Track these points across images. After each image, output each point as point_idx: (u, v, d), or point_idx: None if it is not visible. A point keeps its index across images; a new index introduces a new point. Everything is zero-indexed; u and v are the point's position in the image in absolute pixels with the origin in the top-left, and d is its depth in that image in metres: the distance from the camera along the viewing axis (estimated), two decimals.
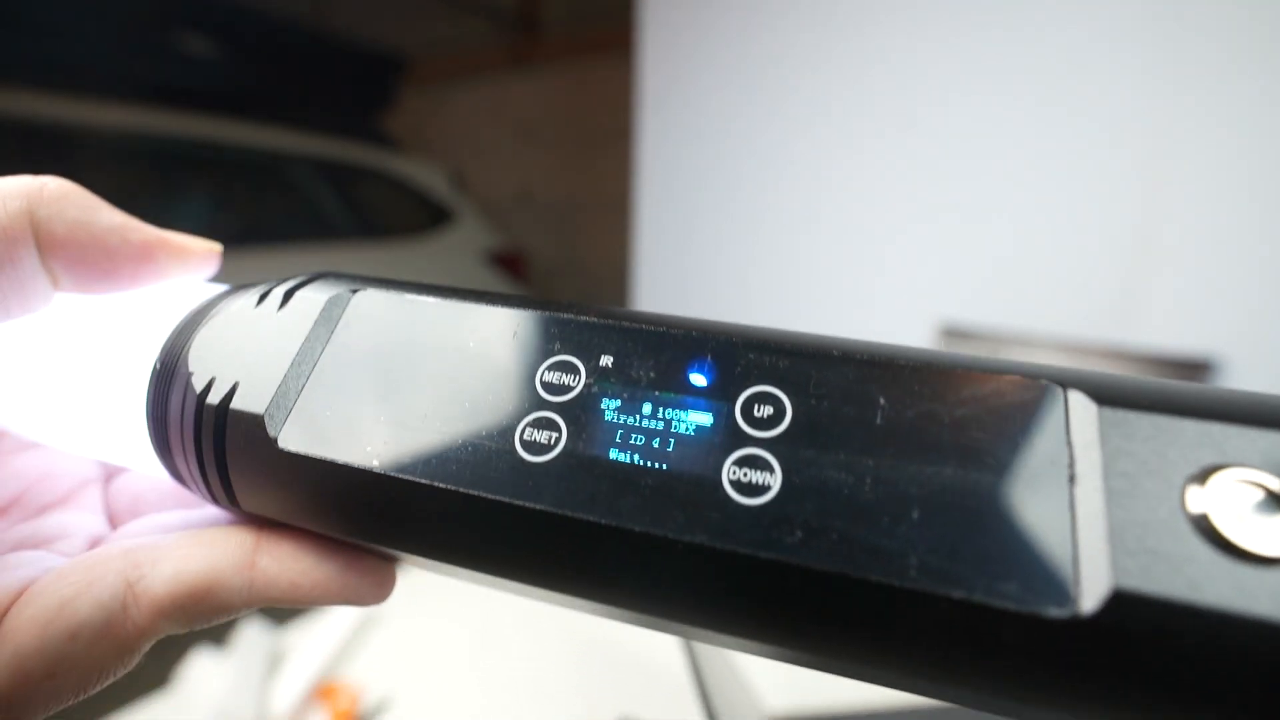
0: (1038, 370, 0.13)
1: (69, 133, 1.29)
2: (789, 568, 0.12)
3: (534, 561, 0.14)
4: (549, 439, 0.14)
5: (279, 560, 0.16)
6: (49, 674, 0.14)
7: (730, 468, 0.13)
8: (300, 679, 0.51)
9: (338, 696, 0.50)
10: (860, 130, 1.14)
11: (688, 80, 1.32)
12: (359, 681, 0.52)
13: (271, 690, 0.51)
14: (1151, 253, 0.92)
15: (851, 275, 1.19)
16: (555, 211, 2.60)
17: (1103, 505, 0.11)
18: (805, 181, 1.21)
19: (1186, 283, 0.90)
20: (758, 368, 0.14)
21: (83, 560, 0.15)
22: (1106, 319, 0.96)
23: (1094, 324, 0.96)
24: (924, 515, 0.11)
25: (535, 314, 0.16)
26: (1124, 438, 0.11)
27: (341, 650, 0.55)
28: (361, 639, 0.57)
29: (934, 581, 0.11)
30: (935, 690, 0.12)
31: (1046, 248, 1.00)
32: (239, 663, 0.52)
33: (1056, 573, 0.11)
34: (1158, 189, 0.90)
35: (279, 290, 0.18)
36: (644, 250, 1.45)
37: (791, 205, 1.23)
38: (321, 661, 0.52)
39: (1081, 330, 0.97)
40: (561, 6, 2.42)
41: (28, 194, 0.17)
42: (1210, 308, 0.88)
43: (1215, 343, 0.87)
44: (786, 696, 0.41)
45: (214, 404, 0.16)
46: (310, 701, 0.50)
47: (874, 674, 0.13)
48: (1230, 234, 0.86)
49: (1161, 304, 0.91)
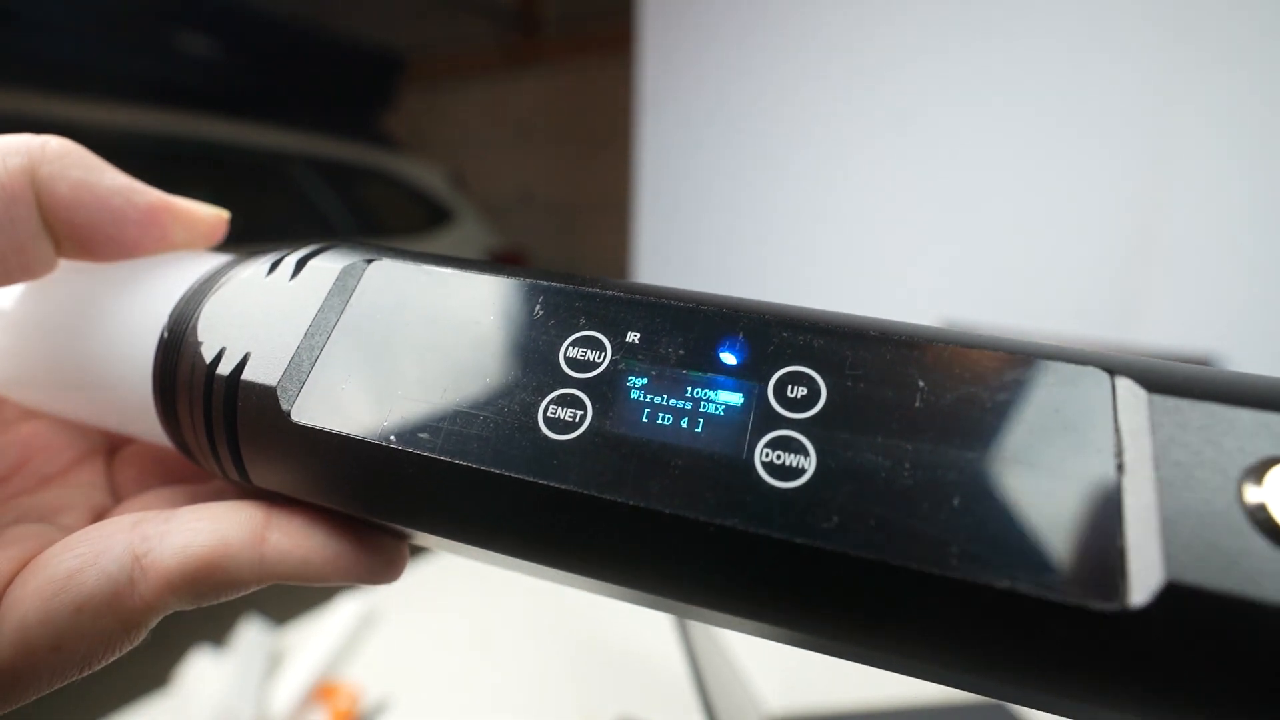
0: (1085, 355, 0.12)
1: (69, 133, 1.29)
2: (825, 554, 0.11)
3: (556, 542, 0.13)
4: (574, 417, 0.13)
5: (290, 536, 0.15)
6: (54, 646, 0.14)
7: (763, 450, 0.12)
8: (300, 679, 0.51)
9: (338, 696, 0.50)
10: (860, 129, 1.14)
11: (688, 80, 1.32)
12: (359, 681, 0.52)
13: (271, 690, 0.51)
14: (1152, 251, 0.91)
15: (852, 275, 1.19)
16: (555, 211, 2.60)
17: (1154, 496, 0.10)
18: (805, 181, 1.21)
19: (1187, 281, 0.89)
20: (791, 347, 0.13)
21: (90, 532, 0.15)
22: (1107, 317, 0.96)
23: (1095, 322, 0.96)
24: (965, 502, 0.11)
25: (559, 287, 0.15)
26: (1177, 426, 0.11)
27: (341, 650, 0.55)
28: (361, 639, 0.57)
29: (976, 570, 0.11)
30: (974, 683, 0.12)
31: (1047, 246, 1.00)
32: (239, 663, 0.51)
33: (1105, 564, 0.10)
34: (1158, 188, 0.90)
35: (291, 259, 0.17)
36: (644, 250, 1.45)
37: (792, 205, 1.23)
38: (321, 661, 0.52)
39: (1082, 329, 0.97)
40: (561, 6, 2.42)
41: (29, 151, 0.16)
42: (1210, 307, 0.88)
43: (1216, 342, 0.87)
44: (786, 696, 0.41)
45: (225, 375, 0.16)
46: (310, 701, 0.50)
47: (911, 665, 0.12)
48: (1231, 233, 0.86)
49: (1162, 302, 0.91)
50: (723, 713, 0.47)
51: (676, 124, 1.35)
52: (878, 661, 0.13)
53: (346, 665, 0.54)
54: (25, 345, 0.19)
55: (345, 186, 1.82)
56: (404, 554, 0.17)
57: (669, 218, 1.40)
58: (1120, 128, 0.92)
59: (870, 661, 0.13)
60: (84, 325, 0.18)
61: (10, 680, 0.14)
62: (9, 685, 0.14)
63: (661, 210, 1.41)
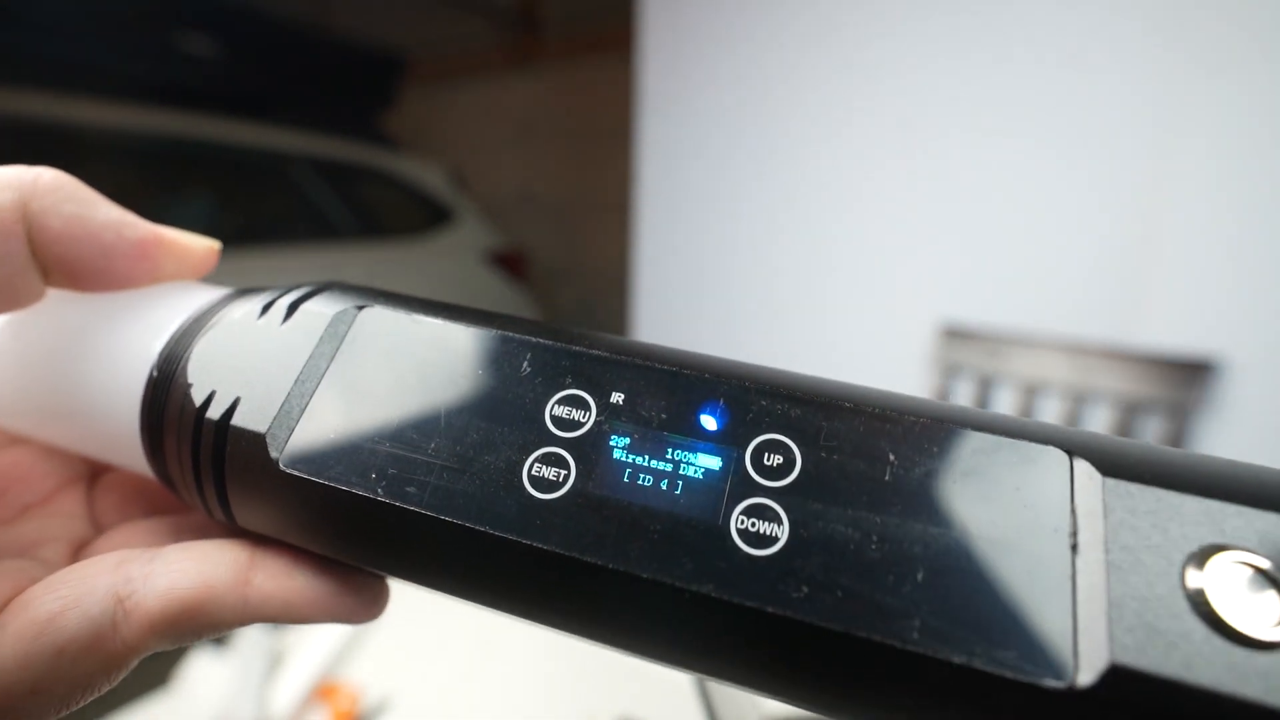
0: (1047, 433, 0.13)
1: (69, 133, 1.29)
2: (793, 623, 0.12)
3: (538, 599, 0.14)
4: (558, 476, 0.14)
5: (274, 578, 0.15)
6: (33, 690, 0.14)
7: (739, 516, 0.13)
8: (300, 679, 0.51)
9: (338, 696, 0.50)
10: (861, 129, 1.14)
11: (688, 80, 1.32)
12: (359, 681, 0.52)
13: (271, 690, 0.51)
14: (1153, 252, 0.91)
15: (852, 275, 1.19)
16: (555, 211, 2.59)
17: (1103, 577, 0.11)
18: (805, 180, 1.21)
19: (1188, 282, 0.89)
20: (769, 415, 0.14)
21: (72, 572, 0.15)
22: (1108, 318, 0.95)
23: (1095, 323, 0.96)
24: (928, 576, 0.11)
25: (547, 344, 0.15)
26: (1127, 510, 0.11)
27: (341, 650, 0.55)
28: (361, 639, 0.57)
29: (936, 645, 0.11)
30: None
31: (1047, 247, 1.00)
32: (239, 663, 0.52)
33: (1056, 643, 0.11)
34: (1159, 188, 0.90)
35: (283, 302, 0.17)
36: (644, 250, 1.45)
37: (792, 204, 1.23)
38: (321, 661, 0.52)
39: (1083, 330, 0.97)
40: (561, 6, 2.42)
41: (20, 185, 0.16)
42: (1212, 307, 0.88)
43: (1217, 342, 0.87)
44: None
45: (214, 419, 0.16)
46: (310, 701, 0.50)
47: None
48: (1232, 233, 0.86)
49: (1163, 303, 0.91)
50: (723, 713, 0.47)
51: (677, 124, 1.35)
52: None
53: (347, 665, 0.54)
54: (10, 373, 0.19)
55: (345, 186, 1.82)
56: (385, 592, 0.17)
57: (669, 217, 1.40)
58: (1120, 129, 0.92)
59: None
60: (71, 356, 0.18)
61: None
62: None
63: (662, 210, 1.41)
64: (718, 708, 0.48)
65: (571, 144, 2.48)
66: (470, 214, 2.07)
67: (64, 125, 1.28)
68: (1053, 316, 0.99)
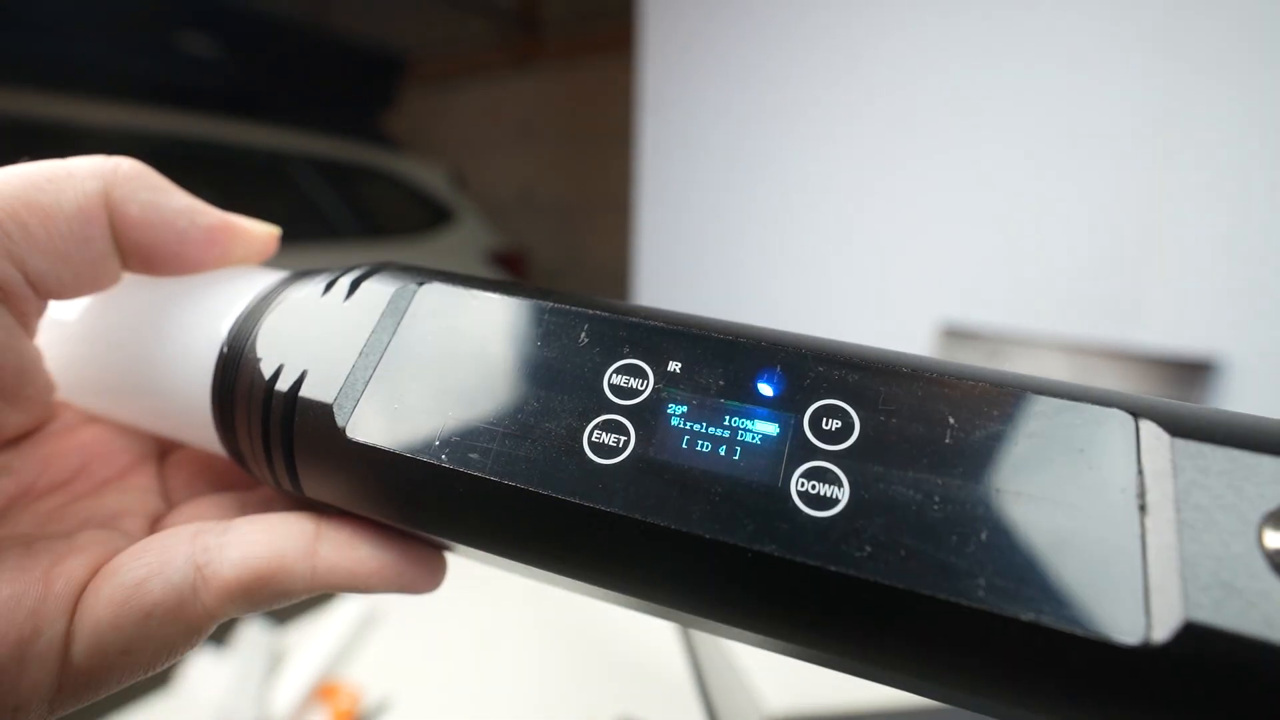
0: (1110, 397, 0.13)
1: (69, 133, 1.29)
2: (857, 582, 0.12)
3: (598, 562, 0.14)
4: (617, 442, 0.14)
5: (339, 548, 0.16)
6: (125, 650, 0.15)
7: (799, 479, 0.13)
8: (300, 679, 0.51)
9: (338, 696, 0.50)
10: (862, 130, 1.14)
11: (688, 80, 1.32)
12: (359, 681, 0.52)
13: (271, 690, 0.51)
14: (1154, 252, 0.91)
15: (852, 275, 1.19)
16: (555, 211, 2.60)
17: (1175, 537, 0.11)
18: (806, 181, 1.21)
19: (1189, 283, 0.89)
20: (826, 381, 0.14)
21: (153, 541, 0.16)
22: (1109, 319, 0.95)
23: (1096, 324, 0.96)
24: (992, 536, 0.11)
25: (603, 316, 0.16)
26: (1198, 470, 0.11)
27: (341, 650, 0.55)
28: (361, 639, 0.57)
29: (1002, 602, 0.11)
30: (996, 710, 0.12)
31: (1048, 247, 1.00)
32: (239, 663, 0.52)
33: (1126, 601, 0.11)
34: (1160, 188, 0.90)
35: (345, 280, 0.18)
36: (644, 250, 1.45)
37: (792, 205, 1.23)
38: (321, 661, 0.52)
39: (1084, 330, 0.96)
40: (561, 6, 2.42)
41: (103, 174, 0.17)
42: (1213, 307, 0.88)
43: (1218, 343, 0.87)
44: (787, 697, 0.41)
45: (283, 391, 0.16)
46: (310, 701, 0.50)
47: (936, 691, 0.13)
48: (1231, 233, 0.86)
49: (1164, 304, 0.91)
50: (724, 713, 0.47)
51: (677, 124, 1.35)
52: (903, 685, 0.13)
53: (348, 665, 0.54)
54: (90, 354, 0.20)
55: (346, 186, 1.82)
56: (444, 564, 0.18)
57: (670, 218, 1.40)
58: (1121, 129, 0.92)
59: (896, 685, 0.13)
60: (146, 337, 0.19)
61: (85, 680, 0.15)
62: (83, 685, 0.15)
63: (662, 210, 1.41)
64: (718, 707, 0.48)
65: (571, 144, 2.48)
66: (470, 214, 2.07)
67: (64, 125, 1.28)
68: (1053, 317, 0.99)
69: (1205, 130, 0.86)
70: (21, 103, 1.24)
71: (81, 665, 0.14)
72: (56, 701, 0.14)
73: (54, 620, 0.14)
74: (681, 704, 0.49)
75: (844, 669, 0.14)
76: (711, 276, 1.36)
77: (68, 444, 0.20)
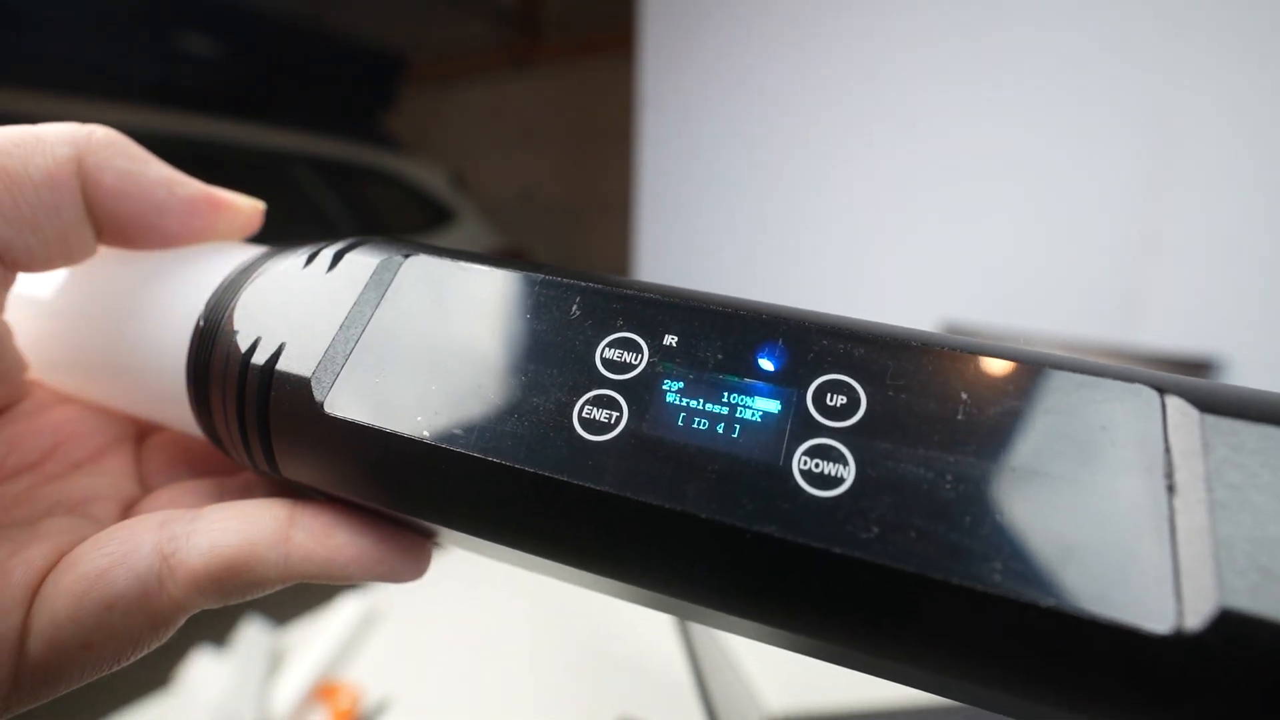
0: (1133, 373, 0.12)
1: None
2: (864, 565, 0.11)
3: (588, 544, 0.13)
4: (609, 418, 0.13)
5: (314, 535, 0.15)
6: (85, 644, 0.14)
7: (801, 457, 0.12)
8: (300, 679, 0.51)
9: (338, 696, 0.50)
10: (861, 130, 1.14)
11: (688, 80, 1.32)
12: (359, 681, 0.52)
13: (271, 690, 0.51)
14: (1155, 251, 0.91)
15: (853, 275, 1.19)
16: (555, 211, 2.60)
17: (1207, 518, 0.10)
18: (806, 181, 1.21)
19: (1190, 282, 0.89)
20: (831, 355, 0.13)
21: (119, 530, 0.15)
22: (1109, 318, 0.95)
23: (1097, 323, 0.96)
24: (1009, 517, 0.11)
25: (596, 288, 0.15)
26: (1230, 448, 0.10)
27: (341, 650, 0.55)
28: (362, 639, 0.57)
29: (1020, 587, 0.10)
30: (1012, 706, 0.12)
31: (1049, 247, 1.00)
32: (239, 663, 0.51)
33: (1154, 586, 0.10)
34: (1161, 187, 0.90)
35: (328, 251, 0.17)
36: (644, 250, 1.45)
37: (792, 205, 1.23)
38: (321, 661, 0.52)
39: (1084, 329, 0.96)
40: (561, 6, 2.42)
41: (75, 141, 0.16)
42: (1214, 307, 0.88)
43: (1219, 343, 0.87)
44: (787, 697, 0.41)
45: (259, 364, 0.16)
46: (310, 701, 0.50)
47: (948, 685, 0.12)
48: (1234, 233, 0.86)
49: (1165, 303, 0.91)
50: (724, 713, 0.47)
51: (677, 124, 1.35)
52: (913, 679, 0.12)
53: (347, 665, 0.54)
54: (63, 331, 0.19)
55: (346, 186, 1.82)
56: (428, 552, 0.17)
57: (669, 218, 1.40)
58: (1123, 128, 0.92)
59: (905, 679, 0.12)
60: (121, 312, 0.19)
61: (41, 676, 0.14)
62: (40, 681, 0.14)
63: (662, 210, 1.41)
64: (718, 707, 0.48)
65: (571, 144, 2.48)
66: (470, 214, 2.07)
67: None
68: (1053, 317, 0.99)
69: (1206, 130, 0.86)
70: (21, 103, 1.24)
71: (38, 660, 0.14)
72: (12, 698, 0.14)
73: (9, 613, 0.14)
74: (681, 704, 0.49)
75: (849, 662, 0.13)
76: (711, 276, 1.36)
77: (38, 424, 0.19)
